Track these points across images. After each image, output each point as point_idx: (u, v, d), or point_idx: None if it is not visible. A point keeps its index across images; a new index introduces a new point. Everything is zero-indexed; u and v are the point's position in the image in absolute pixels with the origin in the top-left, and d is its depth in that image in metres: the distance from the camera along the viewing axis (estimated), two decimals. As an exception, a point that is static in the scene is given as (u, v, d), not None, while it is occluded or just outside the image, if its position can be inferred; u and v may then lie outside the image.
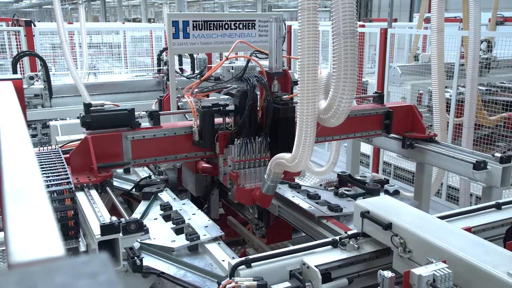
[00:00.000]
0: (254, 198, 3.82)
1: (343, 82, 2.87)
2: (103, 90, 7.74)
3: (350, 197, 3.98)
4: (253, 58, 4.04)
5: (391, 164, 7.50)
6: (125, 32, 12.34)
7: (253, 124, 3.88)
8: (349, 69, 2.82)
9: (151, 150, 3.92)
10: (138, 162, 3.94)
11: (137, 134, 3.86)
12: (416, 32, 9.42)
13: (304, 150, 3.01)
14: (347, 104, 2.97)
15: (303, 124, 2.94)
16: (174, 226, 3.43)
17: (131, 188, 4.47)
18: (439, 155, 4.47)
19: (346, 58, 2.81)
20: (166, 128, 4.00)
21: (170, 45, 4.81)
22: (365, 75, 8.46)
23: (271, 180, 3.56)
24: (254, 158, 3.83)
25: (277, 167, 3.42)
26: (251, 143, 3.80)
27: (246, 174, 3.82)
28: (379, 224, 2.63)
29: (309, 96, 2.85)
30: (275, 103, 3.85)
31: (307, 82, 2.83)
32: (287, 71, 4.08)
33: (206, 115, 3.94)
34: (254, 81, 3.81)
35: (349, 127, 4.67)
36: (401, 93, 7.70)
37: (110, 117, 3.81)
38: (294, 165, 3.16)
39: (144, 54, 12.20)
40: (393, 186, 4.10)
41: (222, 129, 3.98)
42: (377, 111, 4.83)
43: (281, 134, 3.82)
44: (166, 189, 4.23)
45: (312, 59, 2.80)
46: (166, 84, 7.51)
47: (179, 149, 4.02)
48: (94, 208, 3.08)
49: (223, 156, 3.97)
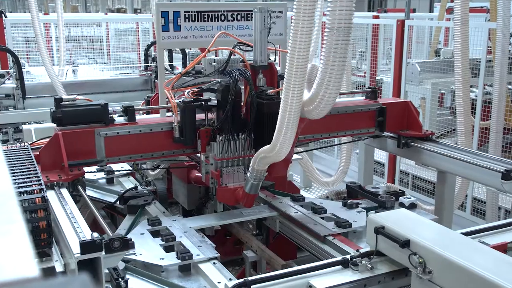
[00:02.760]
0: (237, 197, 3.94)
1: (329, 74, 3.03)
2: (83, 90, 7.74)
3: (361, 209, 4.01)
4: (236, 50, 4.15)
5: (408, 174, 7.52)
6: (108, 24, 12.38)
7: (237, 120, 3.99)
8: (336, 64, 2.98)
9: (126, 147, 4.04)
10: (112, 160, 4.04)
11: (110, 131, 3.95)
12: (437, 24, 9.46)
13: (285, 136, 3.20)
14: (332, 96, 3.14)
15: (287, 108, 3.13)
16: (164, 243, 3.44)
17: (114, 201, 4.48)
18: (445, 157, 4.50)
19: (335, 54, 2.96)
20: (142, 124, 4.10)
21: (159, 38, 4.82)
22: (379, 73, 8.50)
23: (254, 178, 3.70)
24: (237, 156, 3.96)
25: (260, 163, 3.58)
26: (234, 140, 3.93)
27: (229, 173, 3.95)
28: (395, 241, 2.63)
29: (296, 81, 3.05)
30: (260, 97, 3.96)
31: (296, 67, 3.01)
32: (272, 64, 4.19)
33: (187, 110, 4.05)
34: (236, 75, 3.93)
35: (339, 125, 4.79)
36: (420, 92, 7.73)
37: (82, 113, 3.91)
38: (275, 153, 3.35)
39: (129, 49, 12.23)
40: (409, 198, 4.11)
41: (204, 126, 4.09)
42: (369, 108, 4.91)
43: (266, 130, 3.90)
44: (155, 201, 4.24)
45: (304, 44, 2.97)
46: (154, 83, 7.56)
47: (156, 146, 4.13)
48: (73, 223, 3.08)
49: (205, 154, 4.08)
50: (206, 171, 4.08)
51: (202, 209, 4.53)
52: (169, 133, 4.14)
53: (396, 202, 4.09)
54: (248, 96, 4.02)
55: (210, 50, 4.17)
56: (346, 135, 5.09)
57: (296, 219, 3.89)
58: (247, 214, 4.09)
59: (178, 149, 4.21)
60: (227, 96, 3.92)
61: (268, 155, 3.44)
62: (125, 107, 4.11)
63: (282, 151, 3.32)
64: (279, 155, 3.38)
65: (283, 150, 3.31)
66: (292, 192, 4.49)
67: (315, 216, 3.91)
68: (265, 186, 4.42)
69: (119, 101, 7.13)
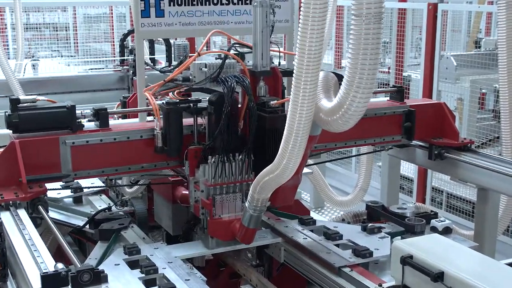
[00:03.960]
0: (233, 232, 3.90)
1: (359, 75, 2.98)
2: (45, 89, 7.76)
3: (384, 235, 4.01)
4: (232, 54, 4.16)
5: (442, 191, 7.53)
6: (76, 9, 12.39)
7: (232, 137, 3.95)
8: (368, 58, 2.94)
9: (97, 159, 4.01)
10: (81, 175, 4.01)
11: (78, 139, 3.93)
12: (477, 9, 9.48)
13: (292, 151, 3.18)
14: (361, 104, 3.09)
15: (296, 113, 3.12)
16: (144, 276, 3.42)
17: (83, 224, 4.47)
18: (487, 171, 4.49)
19: (366, 46, 2.93)
20: (117, 131, 4.08)
21: (138, 26, 4.82)
22: (406, 68, 8.51)
23: (253, 208, 3.65)
24: (233, 181, 3.90)
25: (261, 189, 3.53)
26: (229, 162, 3.88)
27: (224, 202, 3.90)
28: (426, 274, 2.63)
29: (307, 84, 3.04)
30: (261, 110, 3.93)
31: (307, 67, 3.01)
32: (276, 69, 4.17)
33: (171, 114, 4.04)
34: (233, 83, 3.92)
35: (358, 131, 4.65)
36: (456, 92, 7.74)
37: (44, 117, 3.87)
38: (278, 173, 3.32)
39: (101, 39, 12.24)
40: (443, 221, 4.11)
41: (193, 144, 4.07)
42: (395, 111, 4.88)
43: (269, 149, 3.87)
44: (132, 225, 4.23)
45: (317, 37, 2.97)
46: (132, 81, 7.49)
47: (134, 158, 4.11)
48: (33, 251, 3.08)
49: (194, 178, 4.04)
50: (196, 199, 4.03)
51: (190, 235, 4.50)
52: (150, 142, 4.12)
53: (427, 226, 4.09)
54: (246, 108, 3.99)
55: (201, 54, 4.18)
56: (366, 144, 5.06)
57: (304, 247, 3.88)
58: (245, 240, 4.07)
59: (161, 161, 4.19)
60: (221, 109, 3.88)
61: (272, 175, 3.39)
62: (96, 110, 4.08)
63: (287, 170, 3.28)
64: (282, 176, 3.33)
65: (288, 169, 3.26)
66: (300, 214, 4.45)
67: (328, 243, 3.90)
68: (267, 206, 4.39)
69: (89, 103, 7.08)
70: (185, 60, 5.33)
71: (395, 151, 5.25)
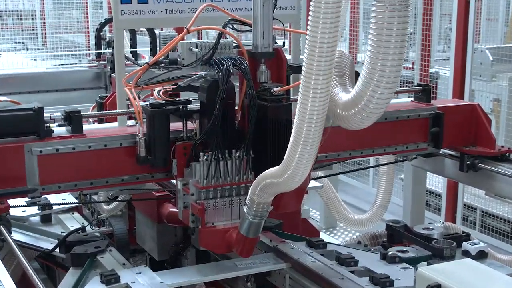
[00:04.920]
0: (229, 243, 3.89)
1: (381, 63, 2.98)
2: (7, 87, 7.78)
3: (407, 262, 3.99)
4: (228, 31, 4.13)
5: (476, 209, 7.53)
6: (44, -6, 12.40)
7: (228, 130, 3.95)
8: (392, 49, 2.94)
9: (69, 171, 3.99)
10: (50, 189, 3.98)
11: (47, 147, 3.91)
12: (517, -6, 9.49)
13: (303, 153, 3.15)
14: (385, 96, 3.08)
15: (306, 111, 3.06)
16: (124, 308, 3.43)
17: (53, 248, 4.45)
18: None
19: (390, 36, 2.92)
20: (92, 137, 4.07)
21: (117, 14, 4.82)
22: (433, 64, 8.51)
23: (253, 214, 3.65)
24: (229, 183, 3.91)
25: (262, 193, 3.53)
26: (225, 160, 3.88)
27: (218, 207, 3.90)
28: (456, 306, 2.62)
29: (320, 71, 2.97)
30: (262, 98, 3.93)
31: (320, 50, 2.94)
32: (280, 50, 4.15)
33: (157, 117, 4.03)
34: (228, 66, 3.88)
35: (376, 138, 4.71)
36: (492, 91, 7.71)
37: (5, 121, 3.85)
38: (286, 178, 3.30)
39: (74, 30, 12.23)
40: (477, 244, 4.11)
41: (181, 139, 4.07)
42: (420, 114, 4.89)
43: (271, 145, 3.88)
44: (111, 248, 4.22)
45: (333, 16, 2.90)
46: (110, 78, 7.52)
47: (112, 169, 4.10)
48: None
49: (183, 179, 4.03)
50: (185, 204, 4.01)
51: (178, 260, 4.54)
52: (131, 150, 4.11)
53: (457, 249, 4.08)
54: (245, 97, 3.99)
55: (191, 31, 4.15)
56: (386, 153, 5.07)
57: (314, 272, 3.86)
58: (243, 266, 4.05)
59: (145, 174, 4.18)
60: (215, 97, 3.86)
61: (276, 181, 3.38)
62: (67, 113, 4.06)
63: (297, 175, 3.26)
64: (291, 182, 3.32)
65: (298, 174, 3.25)
66: (308, 235, 4.45)
67: (341, 268, 3.89)
68: (269, 226, 4.39)
69: (60, 104, 7.11)
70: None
71: (420, 161, 5.24)
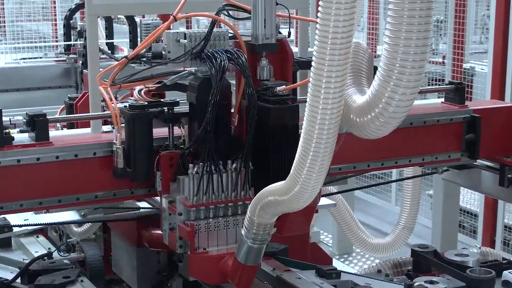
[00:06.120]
0: (224, 272, 3.91)
1: (401, 60, 2.98)
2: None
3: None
4: (222, 18, 4.16)
5: (518, 231, 7.58)
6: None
7: (223, 137, 4.00)
8: (413, 44, 2.94)
9: (33, 186, 4.03)
10: (9, 208, 4.02)
11: (6, 157, 3.98)
12: None
13: (312, 168, 3.15)
14: (405, 98, 3.06)
15: (317, 116, 3.06)
16: None
17: (13, 278, 4.47)
18: None
19: (410, 28, 2.92)
20: (61, 146, 4.10)
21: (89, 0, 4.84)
22: (468, 58, 8.48)
23: (253, 238, 3.68)
24: (224, 200, 3.96)
25: (264, 212, 3.54)
26: (218, 173, 3.92)
27: (210, 229, 3.96)
28: None
29: (332, 70, 2.99)
30: (263, 99, 3.97)
31: (333, 42, 2.95)
32: (284, 42, 4.19)
33: (137, 122, 4.05)
34: (223, 61, 3.91)
35: (399, 147, 4.73)
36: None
37: None
38: (292, 196, 3.30)
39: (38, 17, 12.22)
40: (521, 273, 4.13)
41: (167, 148, 4.11)
42: (452, 117, 4.90)
43: (274, 155, 3.91)
44: (82, 279, 4.25)
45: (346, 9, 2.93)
46: (81, 75, 7.54)
47: (84, 184, 4.13)
48: None
49: (168, 196, 4.07)
50: (171, 226, 4.05)
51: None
52: (107, 161, 4.14)
53: (497, 279, 4.09)
54: (243, 97, 4.02)
55: (178, 19, 4.17)
56: (412, 165, 5.03)
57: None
58: (240, 300, 4.07)
59: (123, 189, 4.21)
60: (207, 97, 3.88)
61: (280, 199, 3.37)
62: (31, 117, 4.07)
63: (306, 193, 3.25)
64: (298, 201, 3.31)
65: (307, 191, 3.24)
66: (318, 263, 4.44)
67: (358, 303, 3.93)
68: (272, 252, 4.39)
69: (21, 106, 7.13)
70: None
71: (452, 175, 5.24)
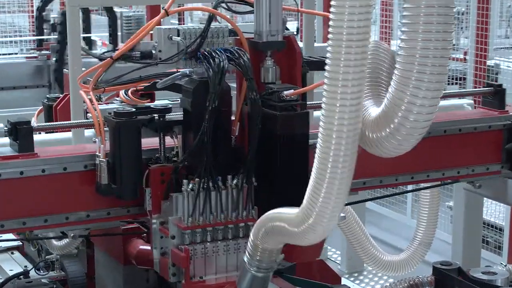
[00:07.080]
0: None
1: (418, 68, 3.00)
2: None
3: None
4: (221, 13, 4.21)
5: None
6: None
7: (222, 149, 4.04)
8: (433, 38, 2.96)
9: (16, 204, 4.03)
10: None
11: None
12: None
13: (330, 193, 3.12)
14: (427, 104, 3.08)
15: (332, 131, 3.06)
16: None
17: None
18: None
19: (429, 20, 2.94)
20: (46, 157, 4.10)
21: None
22: (492, 53, 8.65)
23: (257, 265, 3.69)
24: (223, 222, 4.01)
25: (268, 238, 3.54)
26: (217, 190, 3.94)
27: (208, 255, 4.00)
28: None
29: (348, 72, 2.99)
30: (268, 105, 3.98)
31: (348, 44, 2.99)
32: (292, 39, 4.18)
33: (124, 131, 4.03)
34: (222, 61, 3.90)
35: (430, 158, 4.79)
36: None
37: None
38: (305, 228, 3.27)
39: (13, 9, 12.54)
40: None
41: (157, 161, 4.07)
42: (490, 124, 4.95)
43: (281, 169, 3.95)
44: (63, 299, 4.33)
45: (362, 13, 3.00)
46: (54, 73, 7.62)
47: (75, 202, 4.15)
48: None
49: (159, 217, 4.08)
50: (163, 250, 4.09)
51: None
52: (88, 176, 4.09)
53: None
54: (245, 103, 3.99)
55: (170, 13, 4.14)
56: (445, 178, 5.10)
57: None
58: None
59: (118, 207, 4.23)
60: (204, 103, 3.87)
61: (290, 230, 3.35)
62: (13, 125, 4.06)
63: (321, 225, 3.21)
64: (311, 235, 3.29)
65: (323, 224, 3.20)
66: (326, 281, 4.52)
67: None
68: (278, 270, 4.27)
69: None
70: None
71: (488, 187, 5.30)
